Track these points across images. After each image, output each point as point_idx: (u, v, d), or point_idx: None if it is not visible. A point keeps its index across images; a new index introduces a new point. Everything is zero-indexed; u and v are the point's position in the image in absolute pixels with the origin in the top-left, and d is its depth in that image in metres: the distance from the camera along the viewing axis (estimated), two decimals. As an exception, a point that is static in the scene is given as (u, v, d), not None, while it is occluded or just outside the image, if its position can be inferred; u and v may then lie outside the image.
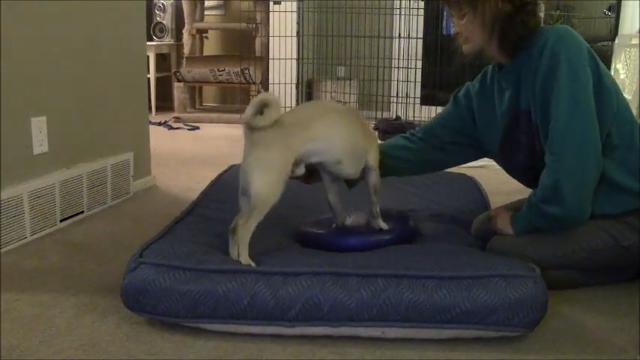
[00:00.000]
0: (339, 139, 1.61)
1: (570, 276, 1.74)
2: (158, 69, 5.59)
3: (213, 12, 5.81)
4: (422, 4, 5.09)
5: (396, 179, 2.15)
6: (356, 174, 1.71)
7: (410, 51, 4.67)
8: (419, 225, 1.92)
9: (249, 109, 1.46)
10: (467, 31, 1.74)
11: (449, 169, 2.24)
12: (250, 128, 1.48)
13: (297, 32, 4.20)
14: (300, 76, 4.35)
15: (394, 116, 4.77)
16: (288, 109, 1.75)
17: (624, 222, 1.69)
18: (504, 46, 1.73)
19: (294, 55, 4.42)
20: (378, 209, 1.75)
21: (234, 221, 1.56)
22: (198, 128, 4.83)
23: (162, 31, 5.66)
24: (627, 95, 3.85)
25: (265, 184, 1.47)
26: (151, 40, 5.47)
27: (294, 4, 4.45)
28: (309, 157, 1.60)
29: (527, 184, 1.85)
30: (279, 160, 1.49)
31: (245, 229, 1.50)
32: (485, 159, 2.06)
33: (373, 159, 1.73)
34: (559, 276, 1.70)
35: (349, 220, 1.83)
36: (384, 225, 1.76)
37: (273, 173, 1.48)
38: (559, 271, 1.70)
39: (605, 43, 4.35)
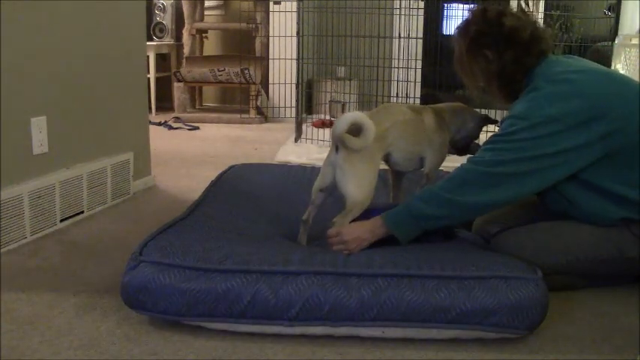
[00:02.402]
0: (398, 149, 1.87)
1: (571, 280, 1.74)
2: (158, 69, 5.58)
3: (213, 12, 5.80)
4: (422, 4, 5.09)
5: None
6: (410, 169, 1.97)
7: (410, 51, 4.67)
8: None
9: (341, 126, 1.64)
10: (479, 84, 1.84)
11: (447, 169, 2.24)
12: (343, 145, 1.66)
13: (297, 32, 4.19)
14: (300, 76, 4.34)
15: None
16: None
17: (630, 232, 1.67)
18: (503, 92, 1.81)
19: (294, 55, 4.41)
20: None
21: (306, 212, 1.82)
22: (198, 128, 4.83)
23: (162, 31, 5.65)
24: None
25: (362, 193, 1.71)
26: (151, 40, 5.46)
27: (294, 4, 4.44)
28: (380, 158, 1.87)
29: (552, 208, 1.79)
30: (372, 171, 1.74)
31: (342, 225, 1.69)
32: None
33: (430, 164, 1.94)
34: (561, 280, 1.70)
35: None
36: None
37: (367, 183, 1.73)
38: (561, 275, 1.70)
39: (605, 43, 4.35)
